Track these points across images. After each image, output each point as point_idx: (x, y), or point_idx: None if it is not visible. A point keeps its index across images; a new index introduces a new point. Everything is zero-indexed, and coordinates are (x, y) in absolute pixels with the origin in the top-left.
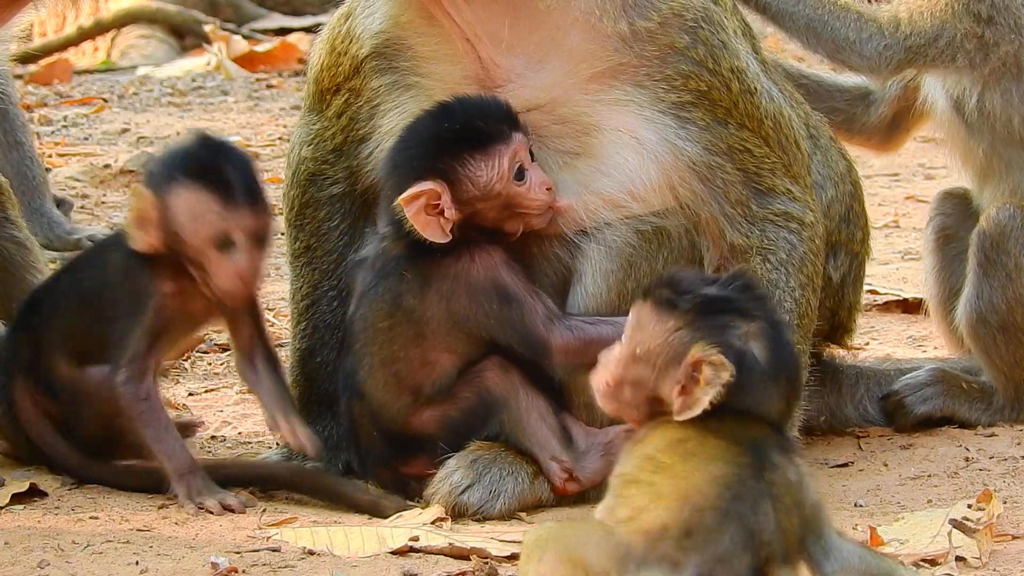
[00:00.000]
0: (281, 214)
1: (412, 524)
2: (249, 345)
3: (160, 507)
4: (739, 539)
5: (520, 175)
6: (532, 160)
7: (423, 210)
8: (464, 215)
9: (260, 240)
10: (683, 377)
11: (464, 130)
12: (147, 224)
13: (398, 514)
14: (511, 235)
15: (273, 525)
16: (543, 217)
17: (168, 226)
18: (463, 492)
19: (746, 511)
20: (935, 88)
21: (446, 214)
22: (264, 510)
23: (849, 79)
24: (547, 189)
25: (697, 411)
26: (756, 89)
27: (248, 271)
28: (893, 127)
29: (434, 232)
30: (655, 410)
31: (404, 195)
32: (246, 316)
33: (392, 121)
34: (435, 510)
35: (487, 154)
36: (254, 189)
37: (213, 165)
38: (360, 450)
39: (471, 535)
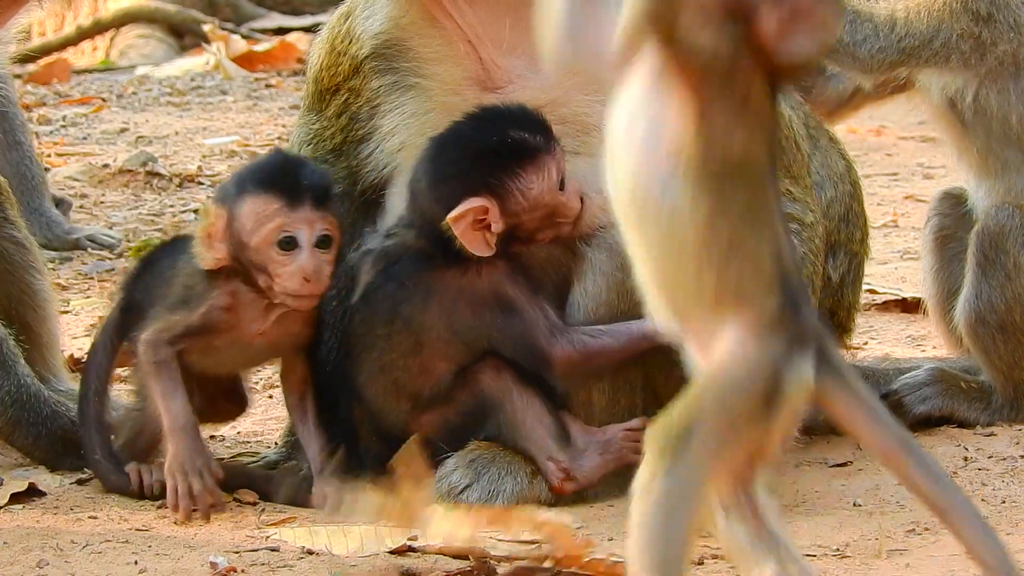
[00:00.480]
0: None
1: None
2: (300, 387)
3: (159, 507)
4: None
5: (562, 186)
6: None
7: (470, 226)
8: (507, 227)
9: (325, 242)
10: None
11: (514, 143)
12: (214, 238)
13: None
14: (540, 243)
15: (272, 524)
16: (573, 224)
17: (234, 236)
18: (462, 492)
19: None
20: (934, 85)
21: (492, 228)
22: (263, 509)
23: None
24: (580, 196)
25: (806, 55)
26: None
27: (312, 271)
28: (848, 100)
29: (479, 247)
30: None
31: (453, 213)
32: (300, 357)
33: (392, 122)
34: None
35: (538, 166)
36: (321, 193)
37: (280, 171)
38: (359, 451)
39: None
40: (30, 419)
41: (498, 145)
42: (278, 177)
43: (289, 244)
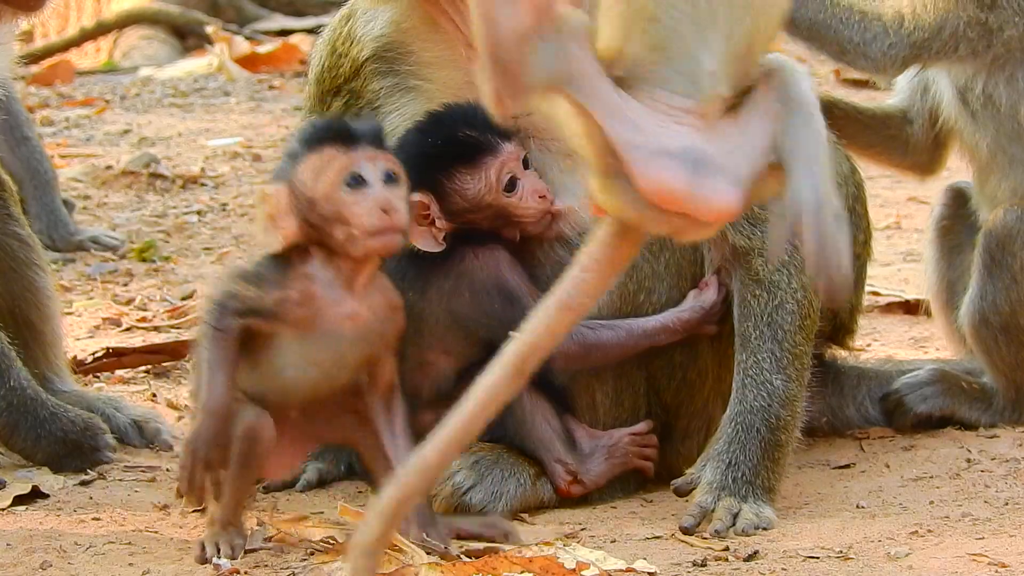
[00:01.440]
0: None
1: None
2: (387, 392)
3: (161, 508)
4: None
5: (511, 185)
6: (527, 167)
7: (414, 220)
8: (457, 224)
9: (391, 178)
10: None
11: (450, 143)
12: (278, 215)
13: None
14: (510, 240)
15: (289, 525)
16: (539, 224)
17: (300, 200)
18: (465, 493)
19: None
20: (942, 81)
21: (437, 224)
22: (281, 510)
23: (885, 103)
24: (541, 197)
25: None
26: None
27: (388, 201)
28: (936, 144)
29: (426, 241)
30: None
31: None
32: (387, 356)
33: (393, 123)
34: None
35: (474, 167)
36: (375, 135)
37: (328, 128)
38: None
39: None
40: (28, 423)
41: (437, 144)
42: (328, 132)
43: (357, 181)
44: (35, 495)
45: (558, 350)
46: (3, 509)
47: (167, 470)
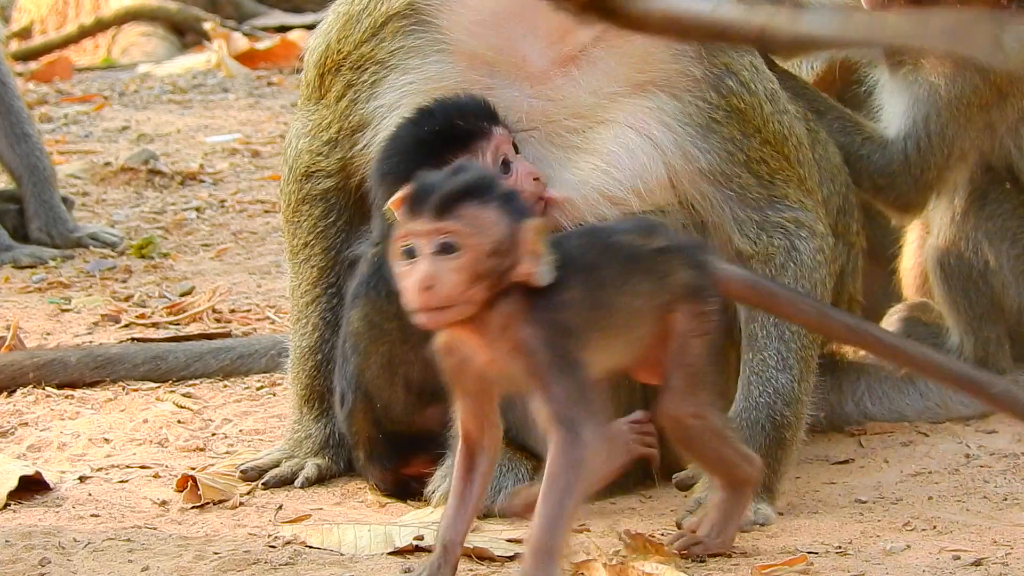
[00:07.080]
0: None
1: (421, 523)
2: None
3: (160, 504)
4: None
5: (506, 167)
6: (517, 152)
7: None
8: None
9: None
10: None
11: (444, 131)
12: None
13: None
14: None
15: (287, 523)
16: (535, 209)
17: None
18: None
19: None
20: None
21: None
22: (280, 506)
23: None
24: (535, 179)
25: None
26: (787, 110)
27: None
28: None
29: None
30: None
31: (393, 199)
32: None
33: (411, 85)
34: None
35: (469, 151)
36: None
37: None
38: (361, 452)
39: (475, 535)
40: None
41: (430, 135)
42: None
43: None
44: (40, 485)
45: None
46: (3, 507)
47: (166, 466)
